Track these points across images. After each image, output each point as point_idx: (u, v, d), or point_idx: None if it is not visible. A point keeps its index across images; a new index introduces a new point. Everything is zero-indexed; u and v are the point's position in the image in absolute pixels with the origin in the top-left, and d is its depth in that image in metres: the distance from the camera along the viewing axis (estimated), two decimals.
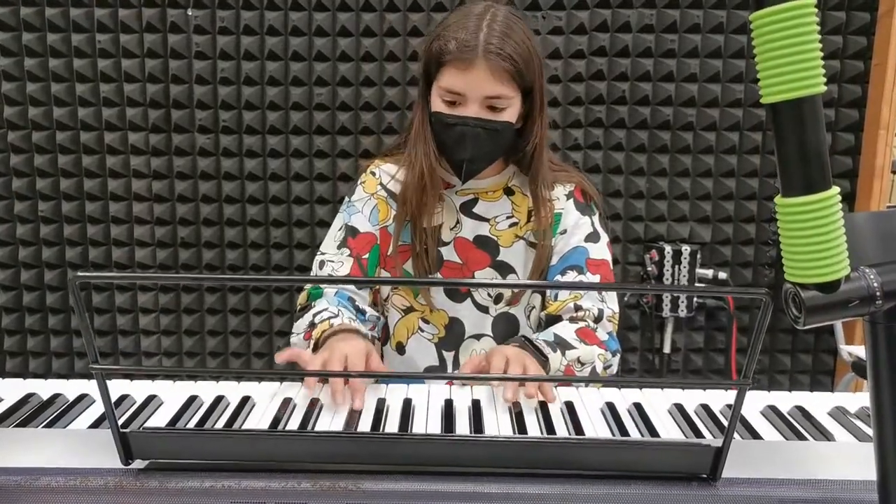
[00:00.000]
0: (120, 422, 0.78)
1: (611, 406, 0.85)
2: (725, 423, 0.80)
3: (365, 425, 0.79)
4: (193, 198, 2.04)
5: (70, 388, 0.88)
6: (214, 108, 1.98)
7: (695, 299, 2.01)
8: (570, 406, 0.85)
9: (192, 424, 0.79)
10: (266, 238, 2.07)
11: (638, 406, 0.84)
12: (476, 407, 0.84)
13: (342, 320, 1.04)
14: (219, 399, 0.85)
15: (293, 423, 0.80)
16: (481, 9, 1.05)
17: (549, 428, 0.79)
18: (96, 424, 0.78)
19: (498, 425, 0.80)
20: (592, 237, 1.16)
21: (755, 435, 0.78)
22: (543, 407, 0.84)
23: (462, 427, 0.80)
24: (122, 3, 1.92)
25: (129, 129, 2.00)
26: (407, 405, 0.84)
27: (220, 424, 0.79)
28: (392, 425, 0.80)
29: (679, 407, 0.85)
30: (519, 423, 0.80)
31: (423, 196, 1.11)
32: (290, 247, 2.08)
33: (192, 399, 0.85)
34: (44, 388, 0.88)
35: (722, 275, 2.01)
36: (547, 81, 1.96)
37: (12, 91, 1.97)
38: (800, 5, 0.47)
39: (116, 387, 0.89)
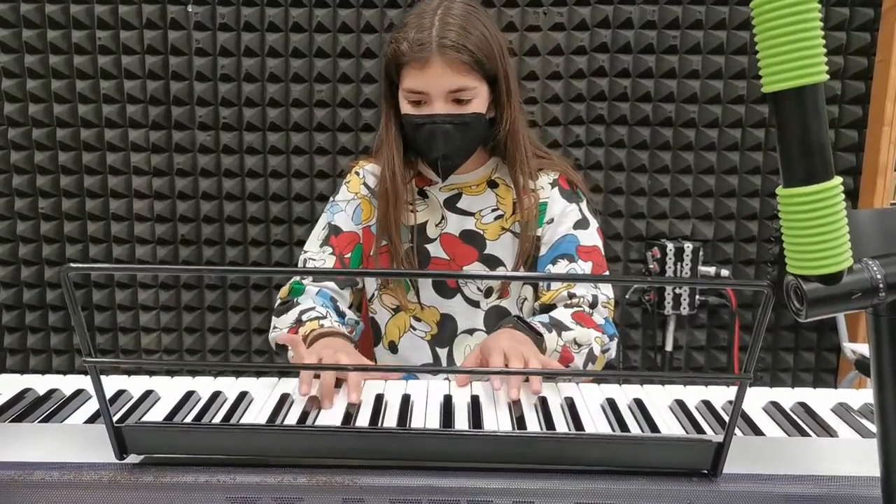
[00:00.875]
0: (116, 417, 0.77)
1: (611, 401, 0.84)
2: (727, 418, 0.80)
3: (363, 420, 0.79)
4: (194, 195, 2.04)
5: (67, 384, 0.87)
6: (215, 104, 1.98)
7: (697, 297, 2.00)
8: (569, 401, 0.84)
9: (189, 420, 0.78)
10: (266, 235, 2.07)
11: (638, 401, 0.84)
12: (475, 402, 0.83)
13: (331, 323, 1.04)
14: (216, 395, 0.85)
15: (291, 418, 0.79)
16: (436, 4, 1.04)
17: (549, 423, 0.78)
18: (92, 419, 0.78)
19: (497, 420, 0.79)
20: (581, 224, 1.15)
21: (757, 431, 0.78)
22: (543, 402, 0.83)
23: (461, 422, 0.79)
24: (123, 0, 1.92)
25: (129, 125, 1.99)
26: (405, 400, 0.84)
27: (217, 419, 0.79)
28: (391, 420, 0.79)
29: (680, 403, 0.84)
30: (518, 418, 0.79)
31: (386, 202, 1.11)
32: (291, 244, 2.08)
33: (190, 394, 0.85)
34: (40, 383, 0.88)
35: (724, 272, 2.01)
36: (547, 78, 1.97)
37: (12, 88, 1.97)
38: None
39: (113, 382, 0.88)
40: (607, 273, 1.15)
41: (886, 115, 1.90)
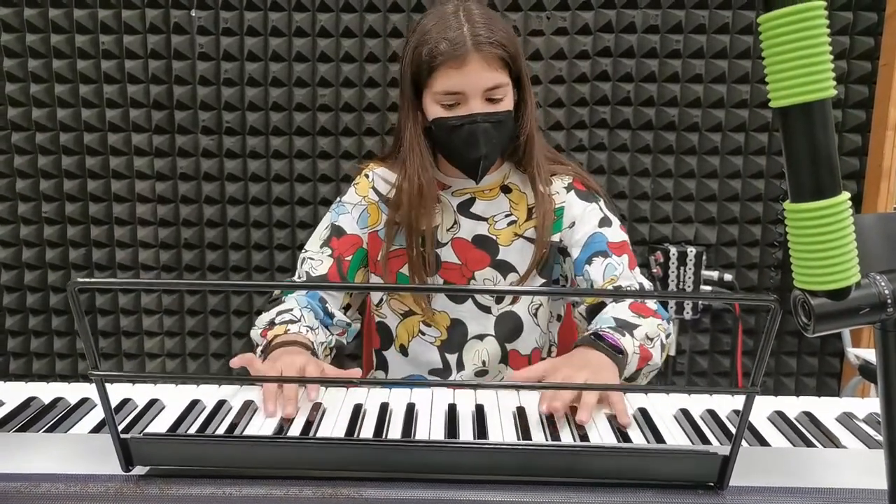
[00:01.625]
0: (121, 427, 0.77)
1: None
2: (732, 428, 0.79)
3: (368, 431, 0.79)
4: (196, 199, 2.04)
5: (71, 392, 0.87)
6: (218, 109, 1.98)
7: (700, 302, 2.00)
8: (574, 411, 0.84)
9: (193, 429, 0.78)
10: (269, 239, 2.07)
11: (643, 411, 0.84)
12: (480, 412, 0.83)
13: (299, 328, 1.04)
14: (221, 403, 0.85)
15: (295, 429, 0.79)
16: (453, 7, 1.04)
17: (554, 434, 0.78)
18: (97, 429, 0.78)
19: (502, 431, 0.79)
20: (605, 221, 1.15)
21: (762, 441, 0.77)
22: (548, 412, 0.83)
23: (466, 433, 0.79)
24: (126, 5, 1.92)
25: (132, 130, 1.99)
26: (410, 410, 0.83)
27: (221, 429, 0.79)
28: (395, 431, 0.79)
29: (685, 412, 0.84)
30: (523, 429, 0.79)
31: (420, 208, 1.10)
32: (294, 248, 2.07)
33: (195, 403, 0.85)
34: (45, 391, 0.88)
35: (727, 277, 2.00)
36: (550, 82, 1.97)
37: (15, 92, 1.97)
38: (809, 7, 0.46)
39: (118, 390, 0.88)
40: (637, 269, 1.14)
41: (890, 119, 1.90)
